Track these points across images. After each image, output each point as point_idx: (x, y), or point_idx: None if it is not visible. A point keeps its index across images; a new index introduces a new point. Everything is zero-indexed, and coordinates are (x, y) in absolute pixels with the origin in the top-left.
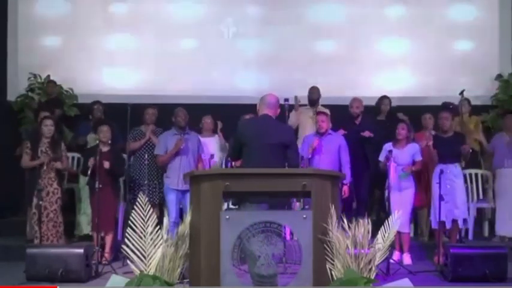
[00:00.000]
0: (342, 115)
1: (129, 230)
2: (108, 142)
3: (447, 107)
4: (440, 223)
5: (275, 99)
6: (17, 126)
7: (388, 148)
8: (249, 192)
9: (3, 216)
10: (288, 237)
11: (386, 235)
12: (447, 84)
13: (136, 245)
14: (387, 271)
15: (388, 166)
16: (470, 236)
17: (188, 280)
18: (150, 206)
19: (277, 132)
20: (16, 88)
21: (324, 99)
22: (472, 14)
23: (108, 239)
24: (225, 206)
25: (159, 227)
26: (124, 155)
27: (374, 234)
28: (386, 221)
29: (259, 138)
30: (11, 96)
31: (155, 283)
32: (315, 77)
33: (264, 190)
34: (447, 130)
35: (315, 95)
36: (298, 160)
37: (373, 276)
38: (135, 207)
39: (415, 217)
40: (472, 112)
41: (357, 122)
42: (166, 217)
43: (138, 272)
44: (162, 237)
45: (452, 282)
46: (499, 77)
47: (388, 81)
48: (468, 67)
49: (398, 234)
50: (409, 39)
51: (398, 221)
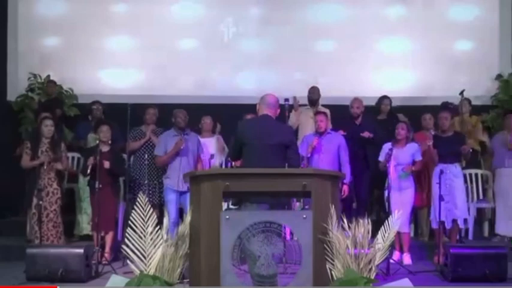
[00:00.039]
0: (342, 115)
1: (129, 230)
2: (108, 142)
3: (447, 107)
4: (440, 223)
5: (275, 100)
6: (17, 126)
7: (387, 148)
8: (249, 192)
9: (3, 216)
10: (288, 237)
11: (386, 235)
12: (447, 84)
13: (136, 245)
14: (387, 271)
15: (388, 166)
16: (470, 236)
17: (188, 280)
18: (150, 206)
19: (277, 132)
20: (16, 88)
21: (324, 99)
22: (472, 13)
23: (108, 239)
24: (225, 206)
25: (159, 227)
26: (124, 155)
27: (374, 234)
28: (386, 221)
29: (259, 138)
30: (11, 96)
31: (155, 283)
32: (315, 77)
33: (264, 190)
34: (447, 130)
35: (315, 95)
36: (299, 160)
37: (373, 276)
38: (135, 207)
39: (415, 217)
40: (472, 112)
41: (357, 122)
42: (166, 217)
43: (138, 272)
44: (162, 237)
45: (452, 282)
46: (499, 77)
47: (388, 81)
48: (468, 67)
49: (398, 234)
50: (409, 39)
51: (398, 221)
